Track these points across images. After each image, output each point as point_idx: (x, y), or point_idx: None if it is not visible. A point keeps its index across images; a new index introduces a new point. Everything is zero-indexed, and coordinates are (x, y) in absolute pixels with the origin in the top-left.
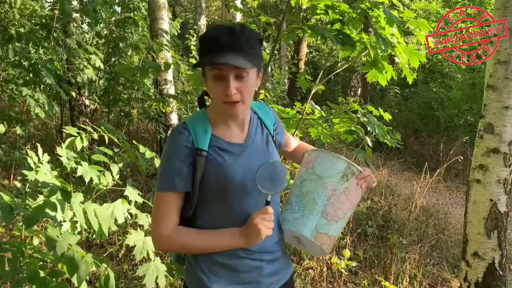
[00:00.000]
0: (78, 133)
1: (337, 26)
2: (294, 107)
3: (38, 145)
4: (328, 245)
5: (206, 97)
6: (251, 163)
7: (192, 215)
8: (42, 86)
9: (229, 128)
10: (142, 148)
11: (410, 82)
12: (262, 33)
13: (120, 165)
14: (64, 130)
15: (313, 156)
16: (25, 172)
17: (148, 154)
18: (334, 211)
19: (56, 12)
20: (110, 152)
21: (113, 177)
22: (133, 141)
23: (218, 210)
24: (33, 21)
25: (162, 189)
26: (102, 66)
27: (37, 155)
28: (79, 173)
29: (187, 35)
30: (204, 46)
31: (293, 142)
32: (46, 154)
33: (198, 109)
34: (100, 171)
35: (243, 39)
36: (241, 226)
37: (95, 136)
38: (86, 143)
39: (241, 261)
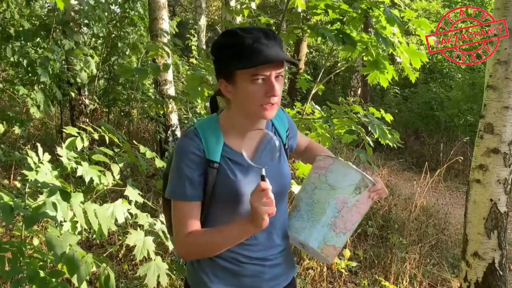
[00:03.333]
0: (79, 133)
1: (337, 26)
2: (294, 107)
3: (39, 145)
4: (333, 256)
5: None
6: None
7: (203, 221)
8: (41, 86)
9: (242, 138)
10: (142, 148)
11: (413, 81)
12: None
13: (121, 165)
14: (64, 130)
15: (327, 163)
16: (25, 172)
17: (149, 154)
18: (344, 223)
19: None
20: (110, 152)
21: (114, 177)
22: (134, 141)
23: (229, 220)
24: (32, 22)
25: (175, 197)
26: (94, 71)
27: (37, 155)
28: (79, 173)
29: (188, 35)
30: (245, 47)
31: (304, 140)
32: (47, 154)
33: (197, 109)
34: (100, 171)
35: (276, 39)
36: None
37: (96, 136)
38: (86, 143)
39: (242, 266)
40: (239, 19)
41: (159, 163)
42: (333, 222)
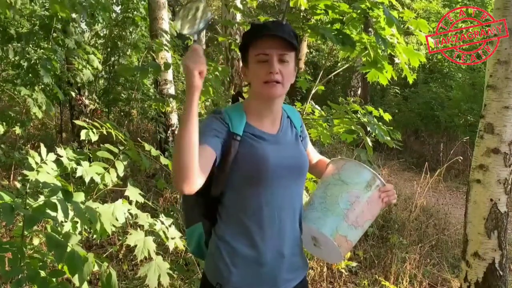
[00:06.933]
0: (88, 127)
1: (337, 26)
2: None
3: (42, 144)
4: (345, 249)
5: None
6: (282, 152)
7: (220, 195)
8: (41, 86)
9: (262, 120)
10: (147, 146)
11: (411, 82)
12: None
13: (125, 162)
14: (75, 122)
15: (340, 164)
16: (26, 172)
17: (154, 152)
18: (355, 217)
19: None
20: (115, 149)
21: (118, 175)
22: (138, 139)
23: (247, 193)
24: (32, 22)
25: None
26: (100, 67)
27: (39, 154)
28: (78, 173)
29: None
30: (252, 31)
31: (316, 154)
32: (52, 154)
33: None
34: (104, 168)
35: (285, 27)
36: (266, 210)
37: (104, 131)
38: (96, 137)
39: (261, 251)
40: (239, 18)
41: (164, 161)
42: (345, 214)
